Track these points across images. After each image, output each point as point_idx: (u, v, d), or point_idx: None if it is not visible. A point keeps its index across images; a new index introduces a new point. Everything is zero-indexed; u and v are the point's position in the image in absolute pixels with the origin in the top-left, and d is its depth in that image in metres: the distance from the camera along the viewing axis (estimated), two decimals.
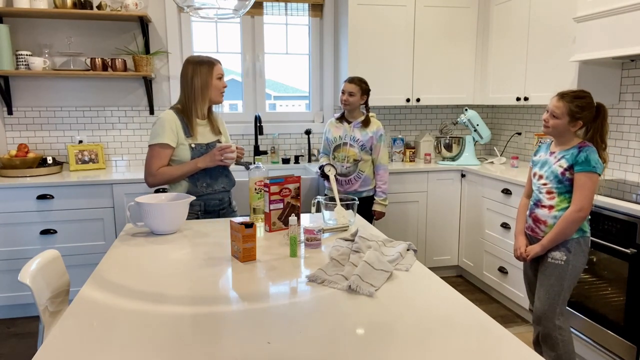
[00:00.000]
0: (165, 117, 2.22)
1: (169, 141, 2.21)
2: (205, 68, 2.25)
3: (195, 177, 2.28)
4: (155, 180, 2.24)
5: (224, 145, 2.20)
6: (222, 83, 2.31)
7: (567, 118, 2.02)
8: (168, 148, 2.22)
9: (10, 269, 3.08)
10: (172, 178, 2.24)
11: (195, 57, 2.29)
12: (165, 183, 2.27)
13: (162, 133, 2.20)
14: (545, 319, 2.11)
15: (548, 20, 3.14)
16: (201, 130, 2.31)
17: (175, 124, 2.23)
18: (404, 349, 1.07)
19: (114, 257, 1.70)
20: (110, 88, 3.62)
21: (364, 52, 3.67)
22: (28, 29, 3.42)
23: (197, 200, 2.29)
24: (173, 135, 2.22)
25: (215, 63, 2.29)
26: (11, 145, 3.51)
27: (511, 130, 4.10)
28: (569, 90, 2.05)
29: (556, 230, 2.05)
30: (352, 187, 3.06)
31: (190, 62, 2.27)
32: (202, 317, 1.23)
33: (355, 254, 1.63)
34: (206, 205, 2.33)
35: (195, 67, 2.25)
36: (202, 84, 2.25)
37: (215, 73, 2.28)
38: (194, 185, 2.28)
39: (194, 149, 2.26)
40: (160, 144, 2.20)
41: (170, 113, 2.25)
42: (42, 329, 1.60)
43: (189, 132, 2.26)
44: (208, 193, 2.31)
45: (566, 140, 2.08)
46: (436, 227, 3.74)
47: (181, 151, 2.25)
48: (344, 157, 3.03)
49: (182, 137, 2.24)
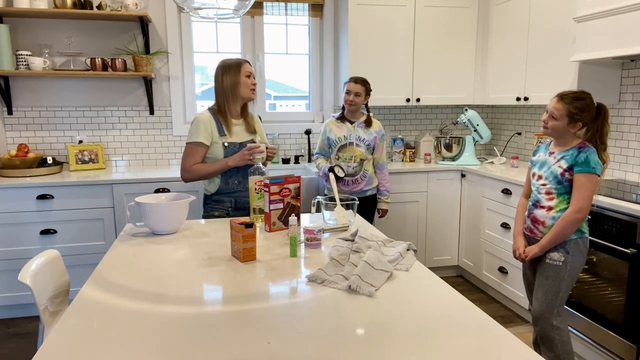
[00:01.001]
0: (200, 118, 2.37)
1: (204, 140, 2.34)
2: (233, 68, 2.39)
3: (228, 175, 2.39)
4: (189, 176, 2.38)
5: (253, 145, 2.29)
6: (250, 80, 2.41)
7: (566, 119, 2.01)
8: (202, 146, 2.35)
9: (10, 269, 3.08)
10: (204, 175, 2.37)
11: (225, 61, 2.42)
12: (198, 179, 2.39)
13: (197, 132, 2.34)
14: (543, 320, 2.11)
15: (548, 20, 3.14)
16: (236, 130, 2.43)
17: (210, 123, 2.37)
18: (404, 349, 1.07)
19: (114, 257, 1.70)
20: (110, 88, 3.62)
21: (364, 52, 3.67)
22: (28, 29, 3.42)
23: (228, 197, 2.42)
24: (207, 135, 2.35)
25: (242, 63, 2.41)
26: (11, 145, 3.51)
27: (511, 130, 4.10)
28: (569, 91, 2.04)
29: (555, 231, 2.05)
30: (359, 187, 3.06)
31: (221, 66, 2.41)
32: (202, 317, 1.23)
33: (355, 254, 1.63)
34: (237, 202, 2.43)
35: (225, 69, 2.39)
36: (232, 83, 2.38)
37: (244, 71, 2.39)
38: (226, 182, 2.40)
39: (226, 147, 2.37)
40: (195, 142, 2.34)
41: (206, 113, 2.39)
42: (42, 329, 1.60)
43: (223, 131, 2.38)
44: (239, 190, 2.42)
45: (566, 141, 2.08)
46: (436, 227, 3.74)
47: (215, 149, 2.37)
48: (351, 157, 3.03)
49: (216, 136, 2.37)
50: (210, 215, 2.44)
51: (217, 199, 2.43)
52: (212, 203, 2.44)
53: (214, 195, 2.43)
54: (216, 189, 2.41)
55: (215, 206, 2.43)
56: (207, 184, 2.45)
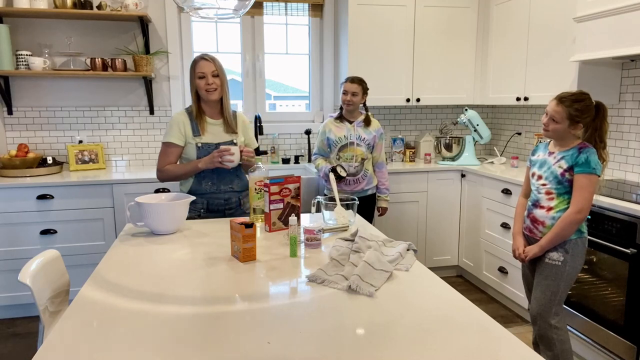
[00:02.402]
0: (174, 118, 2.33)
1: (175, 140, 2.30)
2: (192, 68, 2.30)
3: (201, 176, 2.34)
4: (162, 176, 2.35)
5: (223, 148, 2.21)
6: (203, 81, 2.26)
7: (567, 122, 2.01)
8: (174, 147, 2.31)
9: (10, 269, 3.08)
10: (175, 176, 2.33)
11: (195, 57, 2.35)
12: (171, 180, 2.36)
13: (170, 132, 2.31)
14: (541, 319, 2.11)
15: (548, 20, 3.14)
16: (212, 130, 2.35)
17: (184, 123, 2.31)
18: (404, 349, 1.07)
19: (114, 257, 1.70)
20: (110, 88, 3.62)
21: (364, 52, 3.67)
22: (28, 29, 3.42)
23: (201, 198, 2.35)
24: (180, 135, 2.30)
25: (197, 61, 2.28)
26: (11, 145, 3.51)
27: (511, 130, 4.10)
28: (568, 93, 2.03)
29: (555, 231, 2.05)
30: (359, 186, 3.07)
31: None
32: (202, 317, 1.23)
33: (355, 254, 1.63)
34: (209, 204, 2.36)
35: (190, 67, 2.32)
36: (191, 84, 2.32)
37: (196, 72, 2.27)
38: (198, 183, 2.35)
39: (200, 148, 2.31)
40: (166, 142, 2.31)
41: (180, 113, 2.35)
42: (42, 329, 1.60)
43: (197, 131, 2.32)
44: (212, 192, 2.35)
45: (566, 142, 2.08)
46: (436, 227, 3.74)
47: (189, 149, 2.33)
48: (352, 156, 3.03)
49: (189, 136, 2.31)
50: None
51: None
52: None
53: None
54: (188, 190, 2.36)
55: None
56: (181, 184, 2.41)
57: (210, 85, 2.26)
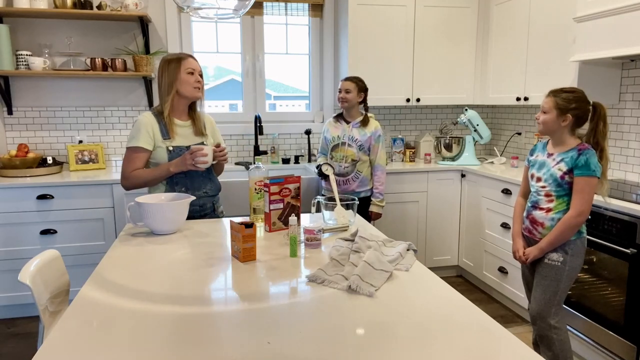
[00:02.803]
0: (141, 120, 2.16)
1: (144, 144, 2.14)
2: (173, 64, 2.16)
3: (174, 181, 2.19)
4: (129, 183, 2.18)
5: (195, 148, 2.08)
6: (193, 77, 2.17)
7: (555, 112, 2.02)
8: (142, 151, 2.15)
9: (10, 269, 3.08)
10: (145, 182, 2.18)
11: (167, 55, 2.22)
12: (139, 186, 2.20)
13: (137, 136, 2.14)
14: (540, 319, 2.12)
15: (548, 20, 3.14)
16: (182, 132, 2.22)
17: (151, 126, 2.15)
18: (404, 349, 1.07)
19: (114, 257, 1.70)
20: (110, 88, 3.62)
21: (364, 52, 3.67)
22: (28, 29, 3.42)
23: None
24: (148, 138, 2.14)
25: (184, 58, 2.18)
26: (11, 145, 3.51)
27: (511, 130, 4.10)
28: (559, 88, 2.06)
29: (554, 234, 2.04)
30: (350, 187, 3.06)
31: (162, 60, 2.20)
32: (202, 317, 1.22)
33: (355, 254, 1.63)
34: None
35: (165, 65, 2.18)
36: (170, 80, 2.16)
37: (184, 68, 2.16)
38: (171, 189, 2.19)
39: (171, 151, 2.17)
40: (133, 147, 2.14)
41: (147, 115, 2.18)
42: (42, 329, 1.60)
43: (167, 134, 2.17)
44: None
45: (562, 140, 2.07)
46: (436, 227, 3.74)
47: (158, 154, 2.17)
48: (342, 157, 3.03)
49: (159, 139, 2.16)
50: None
51: None
52: None
53: None
54: None
55: None
56: (151, 190, 2.23)
57: (199, 82, 2.20)
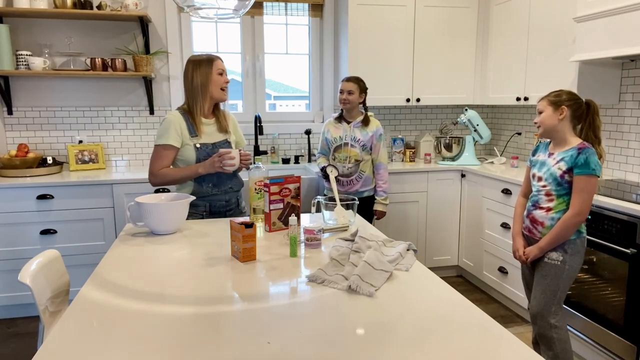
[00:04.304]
0: (169, 118, 2.24)
1: (173, 142, 2.22)
2: (204, 65, 2.25)
3: (201, 178, 2.27)
4: (157, 180, 2.26)
5: (224, 151, 2.16)
6: (223, 78, 2.28)
7: (550, 108, 2.09)
8: (171, 149, 2.23)
9: (10, 269, 3.08)
10: (173, 180, 2.26)
11: (195, 56, 2.29)
12: (166, 184, 2.28)
13: (166, 134, 2.21)
14: (541, 319, 2.12)
15: (548, 20, 3.14)
16: (207, 130, 2.30)
17: (179, 124, 2.23)
18: (404, 349, 1.07)
19: (114, 257, 1.70)
20: (110, 88, 3.62)
21: (364, 52, 3.67)
22: (28, 29, 3.42)
23: (202, 201, 2.29)
24: (177, 136, 2.23)
25: (215, 59, 2.28)
26: (11, 145, 3.51)
27: (511, 130, 4.10)
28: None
29: (554, 233, 2.05)
30: (354, 188, 3.06)
31: (191, 61, 2.28)
32: (202, 317, 1.23)
33: (355, 254, 1.63)
34: (211, 207, 2.32)
35: (195, 65, 2.26)
36: (202, 81, 2.25)
37: (215, 69, 2.26)
38: (199, 186, 2.28)
39: (199, 149, 2.26)
40: (163, 145, 2.22)
41: (175, 114, 2.26)
42: (42, 329, 1.60)
43: (194, 131, 2.26)
44: (214, 194, 2.31)
45: (563, 139, 2.08)
46: (436, 227, 3.74)
47: (186, 151, 2.25)
48: (346, 157, 3.03)
49: (186, 137, 2.24)
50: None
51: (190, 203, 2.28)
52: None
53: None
54: (189, 193, 2.27)
55: (189, 210, 2.25)
56: (179, 187, 2.32)
57: (227, 83, 2.30)
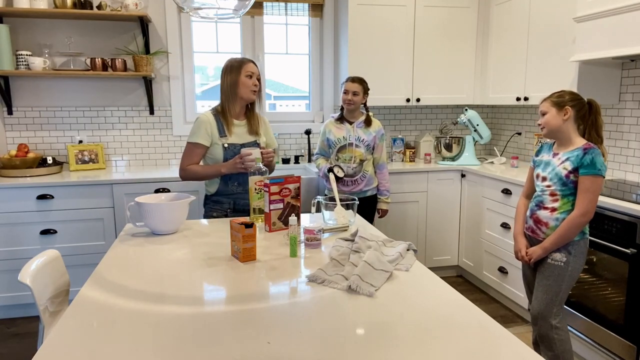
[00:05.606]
0: (202, 118, 2.36)
1: (202, 141, 2.34)
2: (235, 68, 2.37)
3: (228, 176, 2.38)
4: (185, 175, 2.40)
5: (244, 152, 2.25)
6: (251, 81, 2.38)
7: (553, 109, 2.08)
8: (200, 147, 2.36)
9: (10, 269, 3.08)
10: (198, 176, 2.38)
11: (230, 60, 2.41)
12: (192, 179, 2.40)
13: (197, 133, 2.35)
14: (542, 319, 2.12)
15: (548, 20, 3.14)
16: (237, 131, 2.41)
17: (211, 124, 2.36)
18: (404, 349, 1.07)
19: (114, 257, 1.70)
20: (110, 88, 3.62)
21: (364, 52, 3.67)
22: (28, 29, 3.42)
23: (227, 198, 2.41)
24: (207, 136, 2.35)
25: (245, 62, 2.39)
26: (11, 145, 3.51)
27: (511, 130, 4.10)
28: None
29: (559, 233, 2.04)
30: (358, 187, 3.06)
31: (225, 65, 2.41)
32: (202, 317, 1.23)
33: (355, 254, 1.63)
34: (235, 204, 2.41)
35: (228, 68, 2.39)
36: (232, 82, 2.36)
37: (244, 71, 2.36)
38: (225, 184, 2.39)
39: (226, 148, 2.36)
40: (193, 142, 2.35)
41: (207, 114, 2.39)
42: (42, 329, 1.60)
43: (224, 132, 2.37)
44: (238, 192, 2.40)
45: (568, 139, 2.08)
46: (436, 227, 3.74)
47: (215, 150, 2.37)
48: (350, 157, 3.03)
49: (216, 136, 2.36)
50: (209, 216, 2.44)
51: (216, 199, 2.43)
52: (211, 204, 2.44)
53: (214, 196, 2.43)
54: (216, 190, 2.41)
55: (214, 207, 2.43)
56: (207, 184, 2.45)
57: (256, 85, 2.40)
